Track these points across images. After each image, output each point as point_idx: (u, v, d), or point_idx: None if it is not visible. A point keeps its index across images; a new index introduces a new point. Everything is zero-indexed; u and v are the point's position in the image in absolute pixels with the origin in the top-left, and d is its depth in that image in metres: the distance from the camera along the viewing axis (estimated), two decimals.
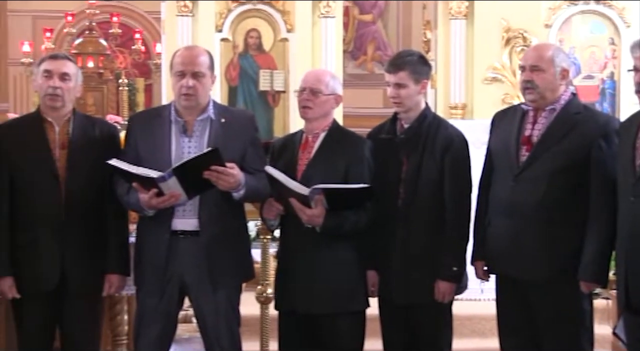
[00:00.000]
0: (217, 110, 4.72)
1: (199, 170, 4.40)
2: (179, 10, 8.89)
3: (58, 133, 4.71)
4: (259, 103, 9.07)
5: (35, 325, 4.71)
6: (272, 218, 4.76)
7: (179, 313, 4.84)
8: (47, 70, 4.69)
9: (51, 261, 4.62)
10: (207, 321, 4.68)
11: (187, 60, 4.64)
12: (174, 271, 4.61)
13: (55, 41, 14.91)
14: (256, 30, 9.08)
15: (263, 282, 5.89)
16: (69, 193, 4.65)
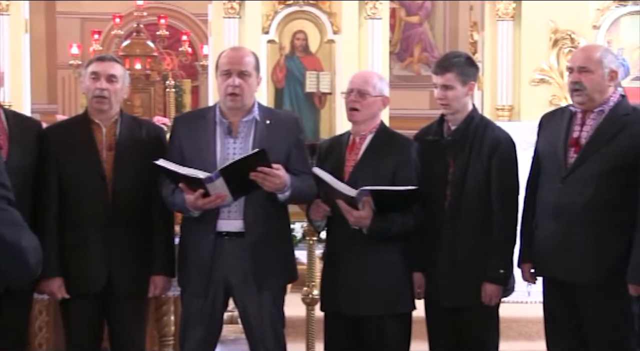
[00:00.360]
0: (262, 112, 4.72)
1: (245, 171, 4.41)
2: (226, 12, 8.93)
3: (105, 134, 4.73)
4: (305, 105, 9.09)
5: (83, 325, 4.73)
6: (318, 220, 4.76)
7: (224, 315, 4.85)
8: (94, 72, 4.72)
9: (98, 262, 4.64)
10: (251, 322, 4.68)
11: (233, 59, 4.64)
12: (218, 272, 4.61)
13: (103, 43, 15.03)
14: (303, 31, 9.10)
15: (309, 284, 5.89)
16: (116, 194, 4.67)
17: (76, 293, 4.68)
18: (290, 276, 4.87)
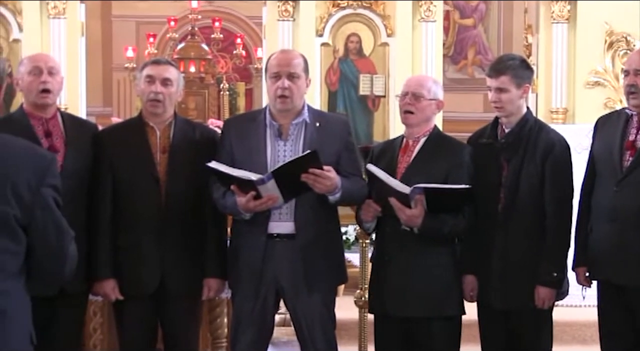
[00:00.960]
0: (311, 114, 4.73)
1: (296, 173, 4.42)
2: (280, 14, 8.95)
3: (159, 137, 4.76)
4: (359, 108, 9.08)
5: (136, 326, 4.77)
6: (368, 220, 4.75)
7: (276, 317, 4.86)
8: (149, 76, 4.75)
9: (152, 264, 4.67)
10: (302, 324, 4.69)
11: (282, 61, 4.66)
12: (269, 274, 4.62)
13: (158, 46, 15.14)
14: (356, 34, 9.10)
15: (362, 286, 5.88)
16: (169, 196, 4.70)
17: (129, 294, 4.71)
18: (341, 278, 4.88)
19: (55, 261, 3.02)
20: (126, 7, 16.92)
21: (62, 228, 3.02)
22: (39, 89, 4.63)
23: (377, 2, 9.02)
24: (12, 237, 2.90)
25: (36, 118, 4.67)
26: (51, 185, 2.97)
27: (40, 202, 2.93)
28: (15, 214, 2.89)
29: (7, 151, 2.94)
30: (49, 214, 2.97)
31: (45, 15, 8.67)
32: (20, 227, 2.91)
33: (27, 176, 2.90)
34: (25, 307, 2.99)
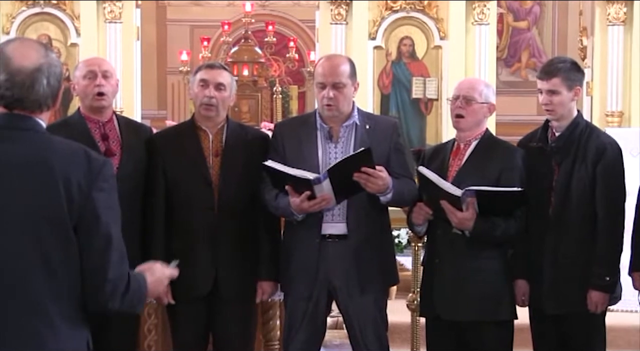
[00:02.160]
0: (361, 117, 4.74)
1: (349, 172, 4.43)
2: (333, 18, 8.97)
3: (212, 141, 4.78)
4: (411, 111, 9.07)
5: (189, 328, 4.81)
6: (420, 224, 4.75)
7: (329, 319, 4.87)
8: (203, 80, 4.77)
9: (205, 266, 4.69)
10: (354, 325, 4.69)
11: (327, 71, 4.66)
12: (322, 275, 4.64)
13: (212, 50, 15.21)
14: (409, 37, 9.10)
15: (414, 289, 5.87)
16: (222, 199, 4.72)
17: (182, 297, 4.74)
18: (392, 280, 4.89)
19: (95, 271, 2.93)
20: (181, 11, 17.07)
21: (110, 238, 2.94)
22: (94, 92, 4.68)
23: (431, 5, 9.01)
24: (66, 242, 2.90)
25: (93, 122, 4.72)
26: (103, 189, 2.95)
27: (90, 208, 2.91)
28: (65, 220, 2.88)
29: (60, 153, 2.95)
30: (96, 223, 2.92)
31: (102, 20, 8.77)
32: (73, 230, 2.90)
33: (79, 179, 2.90)
34: (81, 311, 2.97)
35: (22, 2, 8.69)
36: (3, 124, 2.94)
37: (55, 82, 2.96)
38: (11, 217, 2.86)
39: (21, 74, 2.90)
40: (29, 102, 2.93)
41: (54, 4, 8.73)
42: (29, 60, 2.92)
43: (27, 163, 2.89)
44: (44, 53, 2.95)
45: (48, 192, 2.87)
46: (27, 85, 2.91)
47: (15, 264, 2.86)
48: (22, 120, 2.95)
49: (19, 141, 2.93)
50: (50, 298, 2.88)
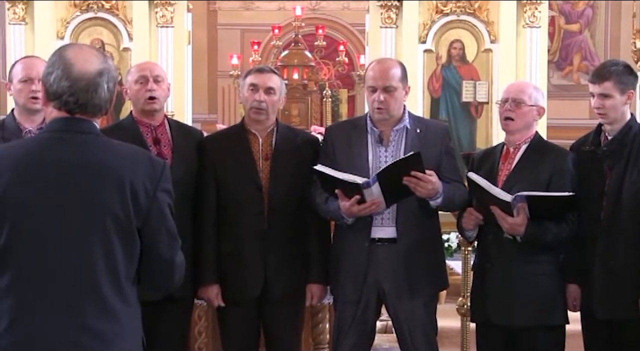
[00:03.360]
0: (412, 120, 4.74)
1: (399, 176, 4.42)
2: (383, 22, 8.96)
3: (262, 144, 4.80)
4: (461, 115, 9.04)
5: (239, 331, 4.82)
6: (470, 229, 4.73)
7: (378, 323, 4.86)
8: (252, 84, 4.78)
9: (255, 269, 4.71)
10: (403, 329, 4.69)
11: (378, 74, 4.66)
12: (371, 279, 4.64)
13: (262, 53, 15.27)
14: (460, 41, 9.06)
15: (464, 294, 5.85)
16: (272, 203, 4.73)
17: (233, 300, 4.77)
18: (442, 284, 4.88)
19: (165, 269, 3.05)
20: (231, 15, 17.16)
21: (174, 236, 3.05)
22: (146, 97, 4.73)
23: (481, 8, 8.97)
24: (129, 242, 2.94)
25: (145, 126, 4.76)
26: (166, 189, 3.00)
27: (156, 207, 2.97)
28: (129, 221, 2.92)
29: (124, 156, 2.99)
30: (162, 220, 2.99)
31: (154, 25, 8.84)
32: (136, 231, 2.95)
33: (144, 181, 2.94)
34: (137, 312, 3.03)
35: (76, 8, 8.78)
36: (65, 128, 2.99)
37: (113, 87, 3.02)
38: (74, 218, 2.90)
39: (84, 80, 2.94)
40: (91, 106, 2.97)
41: (107, 9, 8.82)
42: (92, 65, 2.96)
43: (90, 166, 2.93)
44: (103, 58, 3.00)
45: (112, 193, 2.91)
46: (91, 90, 2.95)
47: (79, 264, 2.90)
48: (83, 124, 2.99)
49: (82, 144, 2.97)
50: (115, 297, 2.92)
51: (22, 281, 2.92)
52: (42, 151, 2.97)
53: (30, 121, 4.70)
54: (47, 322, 2.88)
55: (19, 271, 2.92)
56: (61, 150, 2.95)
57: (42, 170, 2.93)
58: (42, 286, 2.89)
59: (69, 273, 2.89)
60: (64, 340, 2.88)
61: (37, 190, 2.91)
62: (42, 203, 2.90)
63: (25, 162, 2.95)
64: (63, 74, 2.95)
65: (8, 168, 2.94)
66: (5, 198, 2.91)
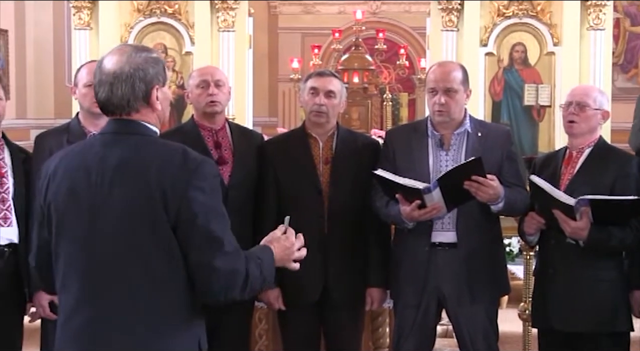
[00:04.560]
0: (473, 124, 4.72)
1: (460, 181, 4.40)
2: (444, 25, 8.92)
3: (322, 148, 4.81)
4: (523, 118, 8.96)
5: (299, 334, 4.85)
6: (531, 233, 4.70)
7: (438, 328, 4.85)
8: (313, 88, 4.80)
9: (315, 273, 4.70)
10: (464, 334, 4.67)
11: (439, 76, 4.64)
12: (431, 283, 4.63)
13: (323, 57, 15.30)
14: (522, 44, 8.99)
15: (525, 299, 5.81)
16: (332, 207, 4.74)
17: (292, 303, 4.79)
18: (503, 289, 4.84)
19: (204, 273, 2.96)
20: (292, 20, 17.22)
21: (211, 237, 2.96)
22: (207, 101, 4.77)
23: (544, 11, 8.88)
24: (165, 240, 2.95)
25: (206, 130, 4.80)
26: (200, 187, 2.96)
27: (187, 206, 2.94)
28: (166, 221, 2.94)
29: (157, 154, 3.01)
30: (195, 220, 2.95)
31: (216, 29, 8.90)
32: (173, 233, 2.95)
33: (174, 179, 2.94)
34: (191, 312, 3.03)
35: (140, 12, 8.87)
36: (113, 130, 3.06)
37: (139, 84, 3.03)
38: (112, 218, 2.95)
39: (104, 79, 3.03)
40: (112, 105, 3.03)
41: (170, 14, 8.89)
42: (110, 64, 3.03)
43: (126, 165, 2.98)
44: (129, 56, 3.03)
45: (143, 192, 2.93)
46: (107, 90, 3.02)
47: (115, 263, 2.95)
48: (130, 125, 3.05)
49: (124, 145, 3.02)
50: (151, 297, 2.94)
51: (69, 279, 3.01)
52: (87, 153, 3.06)
53: (94, 125, 4.75)
54: (93, 322, 2.95)
55: (63, 273, 3.03)
56: (104, 152, 3.02)
57: (83, 171, 3.01)
58: (82, 288, 2.97)
59: (112, 272, 2.95)
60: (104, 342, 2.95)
61: (76, 191, 2.99)
62: (79, 204, 2.98)
63: (73, 163, 3.05)
64: (97, 72, 3.06)
65: (60, 170, 3.06)
66: (53, 199, 3.04)
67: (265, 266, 3.12)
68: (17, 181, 4.76)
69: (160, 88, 3.08)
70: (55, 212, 3.04)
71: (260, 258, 3.12)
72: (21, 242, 4.72)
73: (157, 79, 3.06)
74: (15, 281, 4.72)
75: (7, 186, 4.74)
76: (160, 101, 3.09)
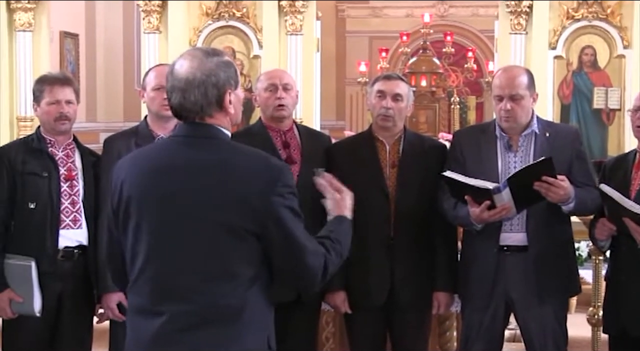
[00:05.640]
0: (540, 125, 4.68)
1: (530, 181, 4.37)
2: (513, 28, 8.85)
3: (389, 151, 4.81)
4: (593, 122, 8.87)
5: (365, 337, 4.85)
6: (603, 239, 4.64)
7: (506, 332, 4.82)
8: (380, 91, 4.80)
9: (381, 276, 4.72)
10: (533, 338, 4.63)
11: (504, 83, 4.60)
12: (500, 286, 4.60)
13: (390, 60, 15.30)
14: (591, 47, 8.89)
15: (595, 304, 5.75)
16: (399, 210, 4.74)
17: (359, 306, 4.79)
18: (573, 289, 4.80)
19: (291, 272, 3.06)
20: (360, 23, 17.25)
21: (298, 243, 3.04)
22: (275, 105, 4.79)
23: (614, 13, 8.77)
24: (246, 246, 2.98)
25: (274, 131, 4.83)
26: (282, 194, 3.00)
27: (272, 214, 2.98)
28: (243, 225, 2.96)
29: (241, 160, 3.03)
30: (281, 227, 3.00)
31: (284, 32, 8.93)
32: (253, 236, 2.98)
33: (258, 186, 2.96)
34: (261, 312, 3.06)
35: (208, 16, 8.94)
36: (187, 133, 3.07)
37: (211, 89, 3.04)
38: (193, 220, 2.97)
39: (176, 85, 3.03)
40: (185, 110, 3.04)
41: (238, 18, 8.94)
42: (182, 70, 3.03)
43: (206, 170, 2.99)
44: (200, 62, 3.03)
45: (225, 198, 2.96)
46: (180, 95, 3.03)
47: (192, 263, 2.97)
48: (206, 129, 3.06)
49: (202, 148, 3.04)
50: (225, 297, 2.97)
51: (143, 283, 3.03)
52: (164, 155, 3.09)
53: (162, 128, 4.81)
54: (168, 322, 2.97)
55: (139, 273, 3.04)
56: (181, 155, 3.04)
57: (161, 174, 3.03)
58: (160, 287, 3.00)
59: (185, 276, 2.97)
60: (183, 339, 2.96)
61: (155, 193, 3.02)
62: (159, 206, 3.00)
63: (149, 165, 3.07)
64: (168, 77, 3.07)
65: (136, 171, 3.08)
66: (130, 201, 3.05)
67: (344, 246, 3.29)
68: (87, 184, 4.84)
69: (233, 92, 3.09)
70: (132, 214, 3.06)
71: (339, 241, 3.26)
72: (90, 244, 4.80)
73: (229, 83, 3.07)
74: (85, 283, 4.79)
75: (78, 188, 4.82)
76: (234, 104, 3.11)
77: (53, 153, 4.83)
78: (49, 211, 4.75)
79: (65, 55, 13.86)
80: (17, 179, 4.75)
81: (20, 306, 4.74)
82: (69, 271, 4.78)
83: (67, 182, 4.81)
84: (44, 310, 4.74)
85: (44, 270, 4.73)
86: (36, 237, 4.73)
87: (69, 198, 4.80)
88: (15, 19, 8.90)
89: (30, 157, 4.81)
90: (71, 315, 4.82)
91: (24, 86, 8.79)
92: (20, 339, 4.81)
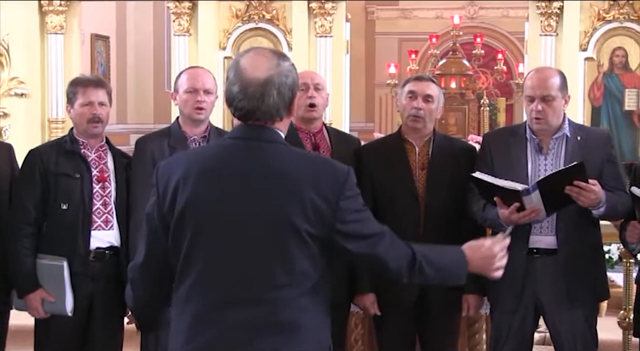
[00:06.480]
0: (572, 128, 4.66)
1: (561, 185, 4.35)
2: (543, 29, 8.83)
3: (418, 153, 4.81)
4: (624, 124, 8.84)
5: (395, 339, 4.85)
6: (634, 242, 4.62)
7: (536, 335, 4.80)
8: (411, 91, 4.80)
9: None
10: (563, 342, 4.61)
11: (536, 84, 4.59)
12: (529, 289, 4.58)
13: (420, 62, 15.27)
14: (622, 48, 8.86)
15: (625, 307, 5.73)
16: (429, 212, 4.74)
17: (388, 308, 4.79)
18: (602, 294, 4.77)
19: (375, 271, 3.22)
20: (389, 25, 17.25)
21: (369, 239, 3.07)
22: (306, 104, 4.80)
23: None
24: (312, 251, 2.95)
25: (304, 132, 4.84)
26: (350, 197, 3.00)
27: (341, 216, 2.97)
28: (307, 229, 2.93)
29: (305, 166, 3.01)
30: (350, 227, 3.00)
31: (313, 34, 8.95)
32: (317, 242, 2.95)
33: (326, 191, 2.94)
34: (321, 321, 3.05)
35: (238, 19, 8.98)
36: (248, 136, 3.02)
37: (287, 92, 3.00)
38: (254, 226, 2.92)
39: (252, 86, 2.97)
40: (260, 113, 2.99)
41: (268, 20, 8.98)
42: (259, 71, 2.97)
43: (270, 175, 2.95)
44: (276, 63, 2.99)
45: (291, 203, 2.92)
46: (257, 97, 2.97)
47: (258, 272, 2.92)
48: (267, 132, 3.02)
49: (264, 153, 3.00)
50: (295, 308, 2.94)
51: (201, 290, 2.96)
52: (225, 158, 3.02)
53: (194, 130, 4.84)
54: (228, 329, 2.91)
55: (197, 279, 2.96)
56: (244, 158, 2.99)
57: (224, 177, 2.97)
58: (221, 294, 2.93)
59: (247, 281, 2.92)
60: (244, 345, 2.91)
61: (218, 197, 2.96)
62: (222, 210, 2.95)
63: (209, 167, 3.01)
64: (235, 81, 2.99)
65: (194, 174, 2.99)
66: (189, 204, 2.96)
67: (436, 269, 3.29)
68: (119, 185, 4.88)
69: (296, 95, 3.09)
70: (190, 219, 2.97)
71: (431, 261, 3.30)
72: (122, 245, 4.83)
73: (297, 86, 3.07)
74: (116, 284, 4.82)
75: (110, 190, 4.86)
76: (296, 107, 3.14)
77: (85, 155, 4.87)
78: (81, 212, 4.78)
79: (96, 57, 13.96)
80: (50, 180, 4.80)
81: (52, 305, 4.78)
82: (100, 272, 4.81)
83: (100, 184, 4.84)
84: (75, 310, 4.78)
85: (76, 271, 4.77)
86: (68, 238, 4.77)
87: (101, 199, 4.83)
88: (47, 22, 8.98)
89: (63, 158, 4.85)
90: (102, 315, 4.85)
91: (56, 88, 8.87)
92: (52, 338, 4.85)
